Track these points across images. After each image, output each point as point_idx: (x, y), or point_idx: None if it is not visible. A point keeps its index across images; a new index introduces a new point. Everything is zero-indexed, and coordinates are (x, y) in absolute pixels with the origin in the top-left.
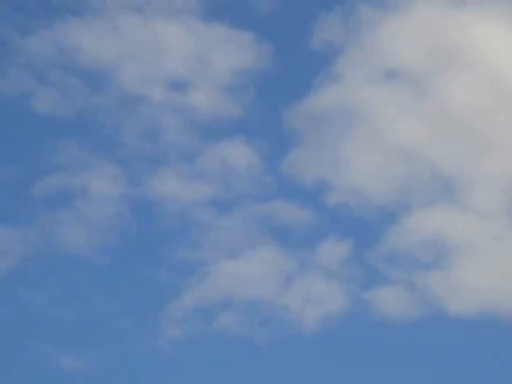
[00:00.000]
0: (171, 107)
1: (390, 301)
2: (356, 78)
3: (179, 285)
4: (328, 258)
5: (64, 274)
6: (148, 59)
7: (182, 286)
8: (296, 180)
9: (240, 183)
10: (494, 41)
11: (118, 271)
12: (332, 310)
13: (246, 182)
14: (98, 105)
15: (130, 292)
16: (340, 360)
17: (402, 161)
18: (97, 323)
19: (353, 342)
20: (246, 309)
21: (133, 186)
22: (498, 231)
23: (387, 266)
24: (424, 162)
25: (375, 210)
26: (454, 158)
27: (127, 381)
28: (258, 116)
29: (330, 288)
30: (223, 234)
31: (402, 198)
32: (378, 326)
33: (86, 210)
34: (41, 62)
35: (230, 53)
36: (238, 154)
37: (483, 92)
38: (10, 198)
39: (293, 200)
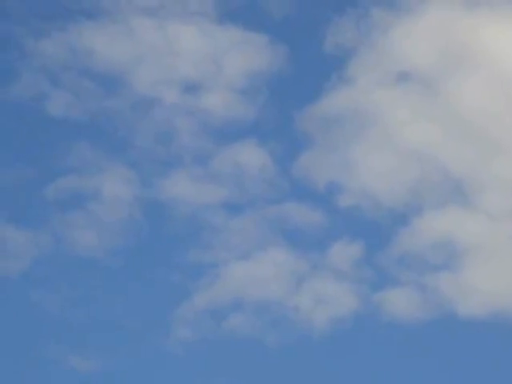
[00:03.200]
0: (185, 110)
1: (400, 303)
2: (368, 81)
3: (190, 286)
4: (339, 259)
5: (76, 275)
6: (162, 62)
7: (193, 287)
8: (308, 182)
9: (252, 185)
10: (506, 43)
11: (130, 273)
12: (342, 312)
13: (258, 184)
14: (112, 107)
15: (142, 293)
16: (350, 361)
17: (414, 163)
18: (108, 325)
19: (363, 344)
20: (257, 310)
21: (145, 189)
22: (508, 233)
23: (398, 268)
24: (435, 164)
25: (386, 212)
26: (466, 160)
27: (138, 382)
28: (270, 118)
29: (340, 290)
30: (235, 235)
31: (413, 200)
32: (389, 327)
33: (98, 213)
34: (54, 64)
35: (244, 55)
36: (251, 157)
37: (495, 94)
38: (22, 199)
39: (304, 202)
